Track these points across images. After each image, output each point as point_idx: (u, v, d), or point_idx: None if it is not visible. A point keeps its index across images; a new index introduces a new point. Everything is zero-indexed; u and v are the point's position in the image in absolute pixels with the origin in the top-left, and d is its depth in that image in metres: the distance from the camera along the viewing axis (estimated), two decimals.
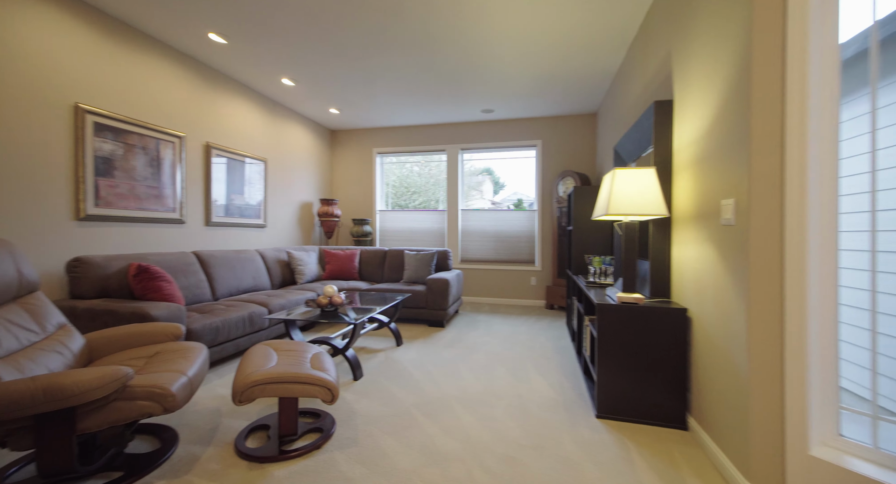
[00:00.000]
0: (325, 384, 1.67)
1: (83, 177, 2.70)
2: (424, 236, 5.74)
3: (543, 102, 4.68)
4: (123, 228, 2.98)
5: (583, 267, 3.47)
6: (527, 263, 5.41)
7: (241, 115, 4.15)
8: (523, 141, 5.35)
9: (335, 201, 5.40)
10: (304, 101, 4.70)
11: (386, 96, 4.51)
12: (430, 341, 3.46)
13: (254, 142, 4.35)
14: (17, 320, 1.56)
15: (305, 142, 5.33)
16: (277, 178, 4.77)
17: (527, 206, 5.56)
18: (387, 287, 4.09)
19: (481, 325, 4.14)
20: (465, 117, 5.30)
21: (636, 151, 2.83)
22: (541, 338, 3.64)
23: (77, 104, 2.66)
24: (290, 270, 4.22)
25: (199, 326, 2.47)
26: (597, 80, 3.97)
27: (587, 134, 5.14)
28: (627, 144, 2.94)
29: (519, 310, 5.02)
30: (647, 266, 2.28)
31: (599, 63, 3.58)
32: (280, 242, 4.83)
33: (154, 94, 3.20)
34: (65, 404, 1.24)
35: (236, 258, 3.61)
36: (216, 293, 3.28)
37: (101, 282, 2.48)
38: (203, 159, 3.69)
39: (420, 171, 5.86)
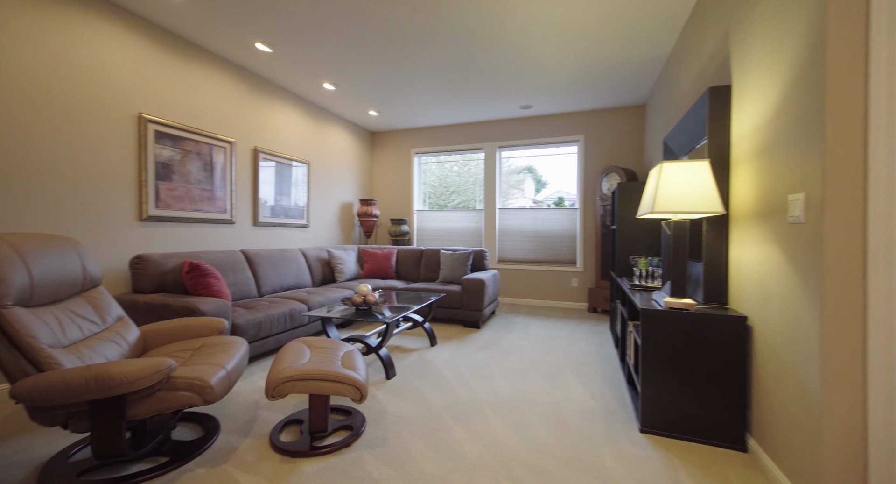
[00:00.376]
0: (354, 383, 1.67)
1: (145, 181, 2.93)
2: (462, 236, 5.70)
3: (586, 95, 4.46)
4: (180, 228, 3.21)
5: (627, 268, 3.25)
6: (568, 264, 5.20)
7: (285, 120, 4.34)
8: (564, 136, 5.14)
9: (374, 201, 5.51)
10: (344, 105, 4.83)
11: (423, 96, 4.52)
12: (464, 342, 3.41)
13: (298, 145, 4.53)
14: (82, 312, 1.71)
15: (346, 144, 5.48)
16: (319, 180, 4.94)
17: (568, 205, 5.34)
18: (422, 286, 4.09)
19: (518, 327, 4.03)
20: (503, 114, 5.19)
21: (688, 143, 2.60)
22: (581, 343, 3.46)
23: (140, 114, 2.90)
24: (330, 268, 4.36)
25: (242, 321, 2.59)
26: (645, 68, 3.71)
27: (634, 127, 4.83)
28: (679, 136, 2.71)
29: (559, 312, 4.84)
30: (700, 269, 2.08)
31: (648, 50, 3.34)
32: (322, 241, 5.00)
33: (207, 103, 3.42)
34: (114, 392, 1.33)
35: (280, 257, 3.77)
36: (261, 290, 3.44)
37: (159, 278, 2.68)
38: (251, 163, 3.90)
39: (459, 170, 5.81)
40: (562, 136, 5.15)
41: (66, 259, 1.67)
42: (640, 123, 4.80)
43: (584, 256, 5.09)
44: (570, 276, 5.16)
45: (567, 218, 5.20)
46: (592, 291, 4.81)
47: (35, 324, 1.41)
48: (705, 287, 1.99)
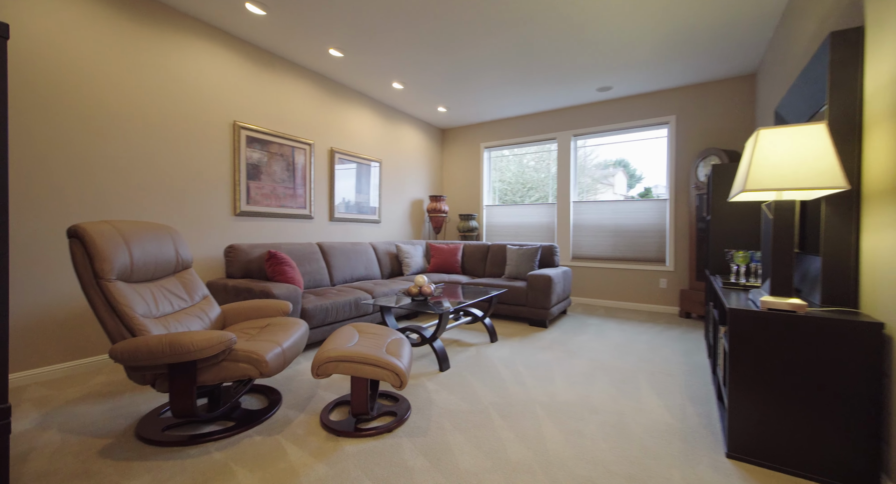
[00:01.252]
0: (393, 369, 1.67)
1: (238, 181, 3.34)
2: (532, 231, 5.45)
3: (677, 69, 3.91)
4: (266, 222, 3.59)
5: (723, 265, 2.75)
6: (655, 262, 4.63)
7: (359, 121, 4.60)
8: (651, 119, 4.58)
9: (443, 197, 5.56)
10: (413, 103, 4.95)
11: (490, 87, 4.41)
12: (527, 341, 3.23)
13: (370, 145, 4.77)
14: (174, 290, 1.98)
15: (417, 142, 5.62)
16: (391, 178, 5.14)
17: (655, 195, 4.75)
18: (487, 282, 3.99)
19: (590, 328, 3.69)
20: (578, 100, 4.82)
21: (806, 110, 2.09)
22: (665, 350, 3.03)
23: (235, 122, 3.31)
24: (398, 261, 4.50)
25: (311, 306, 2.79)
26: (753, 28, 3.11)
27: (740, 101, 4.10)
28: (793, 103, 2.20)
29: (642, 316, 4.33)
30: (818, 263, 1.65)
31: (756, 1, 2.78)
32: (393, 236, 5.20)
33: (289, 108, 3.77)
34: (184, 358, 1.50)
35: (352, 249, 4.00)
36: (333, 279, 3.69)
37: (246, 265, 3.03)
38: (328, 163, 4.21)
39: (536, 165, 5.54)
40: (649, 118, 4.60)
41: (162, 244, 1.96)
42: (749, 97, 4.05)
43: (675, 253, 4.48)
44: (658, 275, 4.58)
45: (654, 210, 4.63)
46: (685, 294, 4.20)
47: (132, 296, 1.67)
48: (824, 285, 1.57)
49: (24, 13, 2.22)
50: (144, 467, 1.46)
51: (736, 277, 2.21)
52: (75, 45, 2.41)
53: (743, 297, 1.85)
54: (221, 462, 1.50)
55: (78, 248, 1.60)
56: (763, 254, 2.12)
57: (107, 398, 2.06)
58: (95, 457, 1.52)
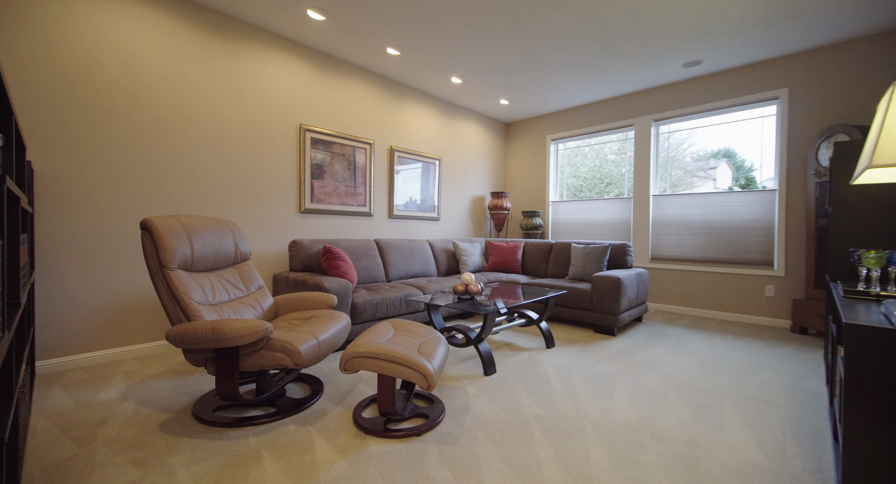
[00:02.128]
0: (420, 369, 1.57)
1: (304, 180, 3.55)
2: (604, 229, 4.96)
3: (790, 31, 3.22)
4: (328, 219, 3.77)
5: (847, 269, 2.16)
6: (759, 265, 3.89)
7: (418, 118, 4.61)
8: (754, 95, 3.86)
9: (505, 194, 5.34)
10: (473, 97, 4.83)
11: (555, 73, 4.10)
12: (588, 349, 2.91)
13: (429, 142, 4.77)
14: (231, 280, 2.14)
15: (478, 137, 5.49)
16: (451, 175, 5.09)
17: (759, 186, 3.99)
18: (547, 282, 3.71)
19: (669, 340, 3.21)
20: (660, 79, 4.25)
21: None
22: (767, 371, 2.50)
23: (301, 125, 3.53)
24: (455, 259, 4.42)
25: (361, 301, 2.84)
26: None
27: (875, 65, 3.24)
28: None
29: (740, 329, 3.66)
30: None
31: None
32: (453, 234, 5.14)
33: (349, 109, 3.91)
34: (225, 344, 1.58)
35: (408, 246, 4.02)
36: (389, 275, 3.74)
37: (307, 259, 3.20)
38: (388, 161, 4.29)
39: (616, 159, 5.03)
40: (750, 95, 3.88)
41: (222, 237, 2.12)
42: (886, 59, 3.18)
43: (787, 254, 3.71)
44: (763, 281, 3.84)
45: (758, 203, 3.89)
46: (800, 304, 3.46)
47: (191, 284, 1.82)
48: None
49: (111, 26, 2.59)
50: (189, 444, 1.57)
51: (865, 284, 1.70)
52: (155, 57, 2.76)
53: (874, 310, 1.39)
54: (254, 447, 1.55)
55: (147, 239, 1.79)
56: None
57: (180, 376, 2.30)
58: (154, 429, 1.68)
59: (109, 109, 2.54)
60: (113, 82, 2.55)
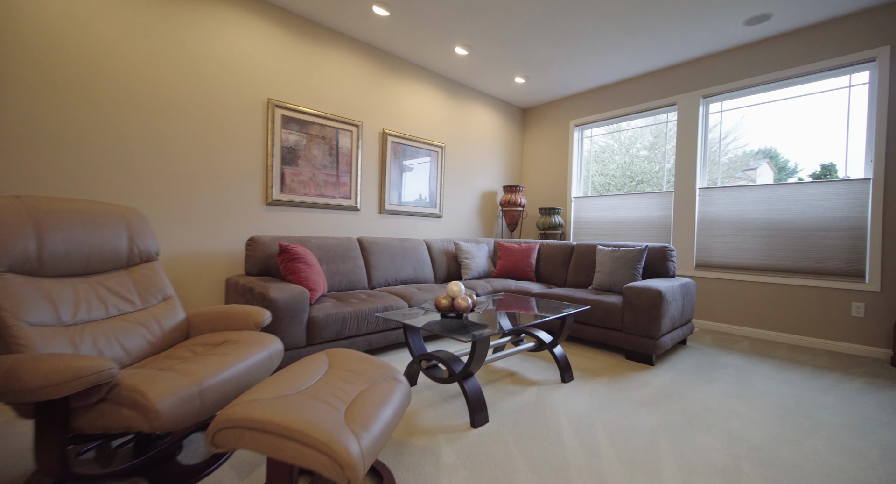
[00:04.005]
0: (331, 453, 0.92)
1: (271, 165, 2.98)
2: (637, 229, 4.17)
3: None
4: (302, 213, 3.19)
5: None
6: (843, 277, 3.03)
7: (416, 99, 3.98)
8: (840, 57, 3.01)
9: (520, 188, 4.63)
10: (483, 74, 4.15)
11: (581, 38, 3.37)
12: (618, 386, 2.18)
13: (430, 127, 4.13)
14: (118, 289, 1.56)
15: (490, 124, 4.80)
16: (456, 166, 4.42)
17: (843, 176, 3.12)
18: (565, 293, 2.99)
19: (727, 373, 2.43)
20: (712, 45, 3.44)
21: None
22: (882, 431, 1.71)
23: (269, 100, 2.96)
24: (456, 263, 3.75)
25: (322, 315, 2.22)
26: None
27: None
28: None
29: (819, 358, 2.82)
30: None
31: None
32: (458, 233, 4.47)
33: (332, 84, 3.32)
34: (24, 398, 0.99)
35: (399, 247, 3.39)
36: (372, 281, 3.11)
37: (265, 260, 2.62)
38: (379, 147, 3.68)
39: (649, 154, 4.22)
40: (834, 59, 3.03)
41: (103, 229, 1.55)
42: None
43: (884, 263, 2.84)
44: (849, 297, 2.98)
45: (843, 197, 3.03)
46: None
47: (24, 295, 1.25)
48: None
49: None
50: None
51: None
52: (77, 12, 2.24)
53: None
54: None
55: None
56: None
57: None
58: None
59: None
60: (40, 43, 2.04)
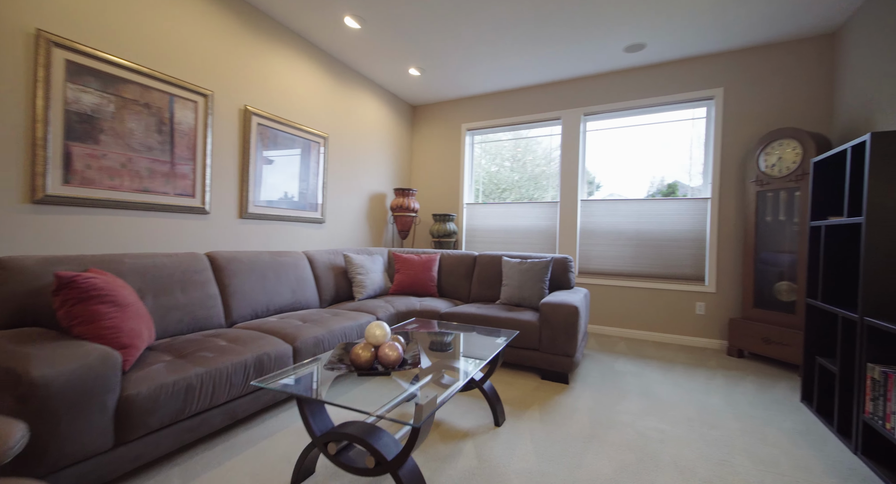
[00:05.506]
0: None
1: (44, 139, 1.84)
2: (526, 238, 4.23)
3: (732, 23, 2.84)
4: (112, 217, 2.10)
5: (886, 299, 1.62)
6: (690, 281, 3.55)
7: (295, 76, 3.17)
8: (689, 93, 3.51)
9: (412, 192, 4.22)
10: (377, 58, 3.59)
11: (478, 41, 3.15)
12: (551, 419, 1.96)
13: (312, 113, 3.36)
14: None
15: (380, 117, 4.25)
16: (342, 161, 3.74)
17: (681, 194, 3.68)
18: (479, 312, 2.70)
19: (628, 383, 2.50)
20: (597, 65, 3.67)
21: None
22: (772, 432, 1.88)
23: (39, 31, 1.81)
24: (346, 279, 3.10)
25: (145, 390, 1.36)
26: None
27: (811, 71, 3.10)
28: None
29: (679, 354, 3.21)
30: None
31: None
32: (342, 241, 3.79)
33: (164, 29, 2.30)
34: None
35: (271, 263, 2.56)
36: (232, 315, 2.24)
37: (28, 299, 1.54)
38: (240, 129, 2.75)
39: (539, 165, 4.32)
40: (685, 93, 3.53)
41: None
42: (827, 64, 3.06)
43: (719, 268, 3.42)
44: (693, 298, 3.51)
45: (690, 212, 3.56)
46: (738, 325, 3.14)
47: None
48: None
49: None
50: None
51: None
52: None
53: None
54: None
55: None
56: None
57: None
58: None
59: None
60: None
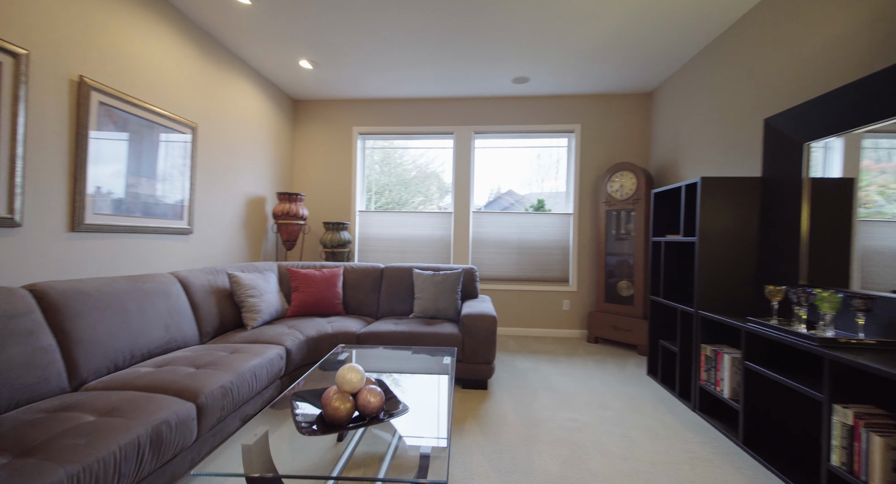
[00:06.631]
0: None
1: None
2: (424, 247, 4.31)
3: (596, 72, 3.52)
4: None
5: (722, 300, 2.29)
6: (559, 282, 4.21)
7: (156, 47, 2.45)
8: (558, 125, 4.16)
9: (300, 197, 3.79)
10: (265, 41, 3.08)
11: (388, 46, 3.06)
12: (489, 428, 2.06)
13: (179, 96, 2.66)
14: None
15: (260, 109, 3.67)
16: (216, 158, 3.08)
17: (547, 209, 4.36)
18: (398, 329, 2.61)
19: (532, 379, 2.83)
20: (488, 89, 3.99)
21: (855, 118, 1.72)
22: (645, 404, 2.41)
23: None
24: (233, 304, 2.57)
25: None
26: (698, 33, 2.88)
27: (638, 120, 4.08)
28: (824, 112, 1.83)
29: (556, 346, 3.79)
30: None
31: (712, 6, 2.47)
32: (218, 256, 3.13)
33: None
34: None
35: (131, 293, 1.92)
36: (80, 371, 1.60)
37: None
38: (70, 106, 1.98)
39: (424, 172, 4.36)
40: (555, 124, 4.17)
41: None
42: (646, 116, 4.07)
43: (579, 272, 4.16)
44: (561, 296, 4.18)
45: (558, 226, 4.22)
46: (594, 317, 3.88)
47: None
48: None
49: None
50: None
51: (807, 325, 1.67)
52: None
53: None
54: None
55: None
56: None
57: None
58: None
59: None
60: None
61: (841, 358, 1.37)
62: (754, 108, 2.48)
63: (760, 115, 2.42)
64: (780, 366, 1.82)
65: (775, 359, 1.90)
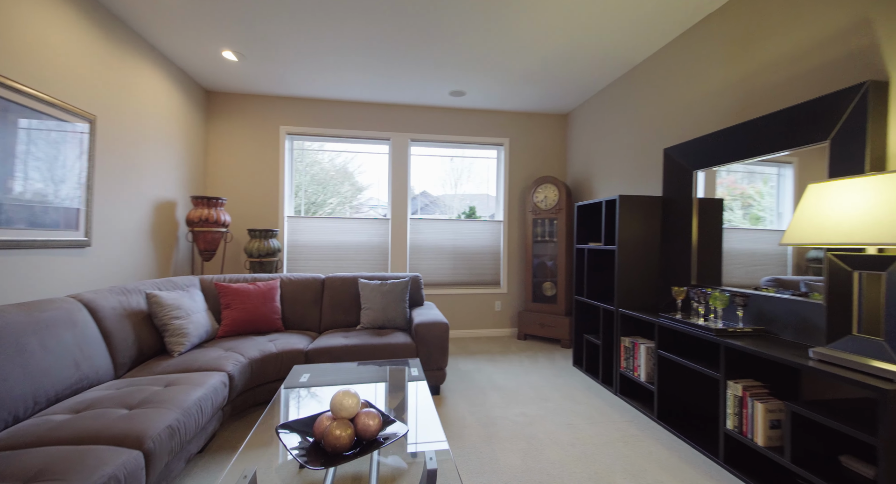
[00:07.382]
0: None
1: None
2: (361, 254, 4.21)
3: (525, 92, 3.85)
4: None
5: (639, 299, 2.72)
6: (491, 285, 4.48)
7: (44, 20, 2.00)
8: (489, 137, 4.43)
9: (221, 201, 3.40)
10: (180, 25, 2.70)
11: (327, 45, 2.94)
12: (451, 432, 2.15)
13: (73, 82, 2.20)
14: None
15: (170, 102, 3.20)
16: (117, 156, 2.62)
17: (482, 216, 4.63)
18: (347, 342, 2.54)
19: (477, 379, 3.00)
20: (426, 99, 4.06)
21: (726, 156, 2.22)
22: (576, 393, 2.74)
23: None
24: (152, 328, 2.23)
25: None
26: (609, 68, 3.34)
27: (557, 138, 4.56)
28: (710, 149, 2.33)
29: (491, 345, 4.04)
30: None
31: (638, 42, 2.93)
32: (123, 272, 2.66)
33: None
34: None
35: (28, 326, 1.56)
36: None
37: None
38: None
39: (369, 181, 4.20)
40: (487, 137, 4.42)
41: None
42: (563, 135, 4.56)
43: (509, 275, 4.48)
44: (494, 298, 4.46)
45: (491, 232, 4.49)
46: (523, 316, 4.23)
47: None
48: None
49: None
50: None
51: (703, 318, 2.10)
52: None
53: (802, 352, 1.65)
54: None
55: None
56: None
57: None
58: None
59: None
60: None
61: (733, 344, 1.77)
62: (657, 138, 2.99)
63: (661, 144, 2.93)
64: (680, 353, 2.25)
65: (679, 346, 2.33)
